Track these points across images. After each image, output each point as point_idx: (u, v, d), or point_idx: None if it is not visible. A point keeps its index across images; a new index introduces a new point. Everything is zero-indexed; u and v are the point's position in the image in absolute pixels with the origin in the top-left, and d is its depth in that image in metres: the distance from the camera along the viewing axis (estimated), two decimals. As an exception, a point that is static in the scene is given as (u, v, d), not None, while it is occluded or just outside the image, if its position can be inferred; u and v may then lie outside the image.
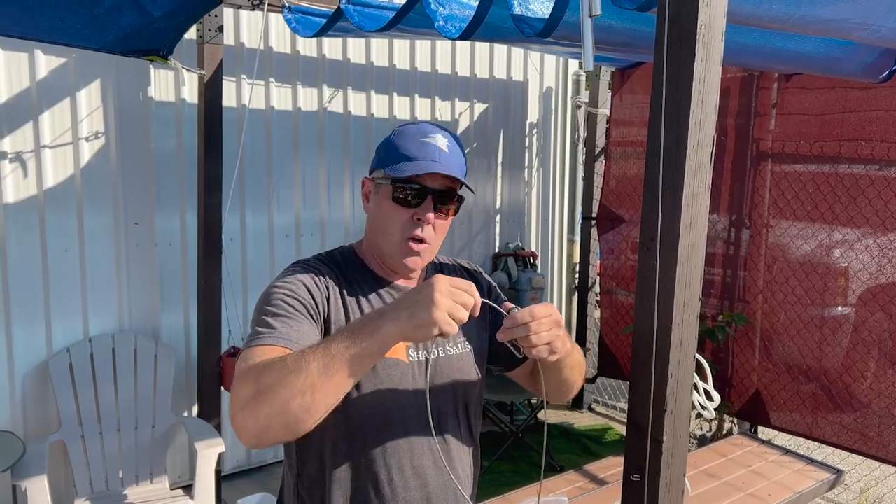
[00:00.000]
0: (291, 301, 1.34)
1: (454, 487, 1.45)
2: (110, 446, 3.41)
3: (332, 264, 1.46)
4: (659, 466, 1.54)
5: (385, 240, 1.42)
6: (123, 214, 3.68)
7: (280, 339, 1.26)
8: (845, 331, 3.96)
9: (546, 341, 1.23)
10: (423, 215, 1.39)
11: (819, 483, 2.61)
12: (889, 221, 3.69)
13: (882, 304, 3.76)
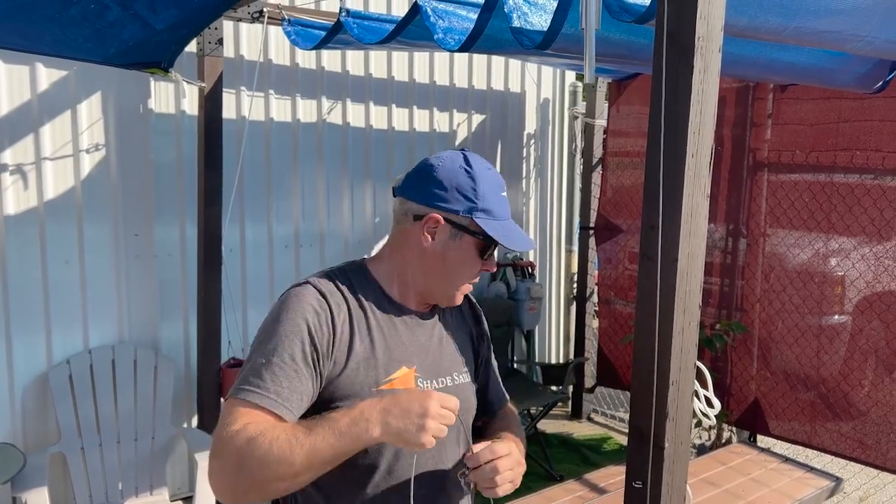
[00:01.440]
0: (290, 350, 1.28)
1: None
2: (110, 458, 3.41)
3: (345, 290, 1.40)
4: (661, 473, 1.55)
5: (445, 284, 1.44)
6: (123, 226, 3.69)
7: (269, 399, 1.24)
8: (843, 339, 3.99)
9: (509, 479, 1.31)
10: (489, 268, 1.47)
11: (819, 490, 2.62)
12: (885, 230, 3.72)
13: (879, 312, 3.78)
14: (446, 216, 1.39)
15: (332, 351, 1.33)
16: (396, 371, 1.38)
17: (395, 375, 1.37)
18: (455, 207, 1.39)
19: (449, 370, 1.48)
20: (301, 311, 1.33)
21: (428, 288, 1.45)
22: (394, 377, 1.37)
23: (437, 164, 1.43)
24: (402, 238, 1.45)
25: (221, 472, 1.19)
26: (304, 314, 1.32)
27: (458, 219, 1.39)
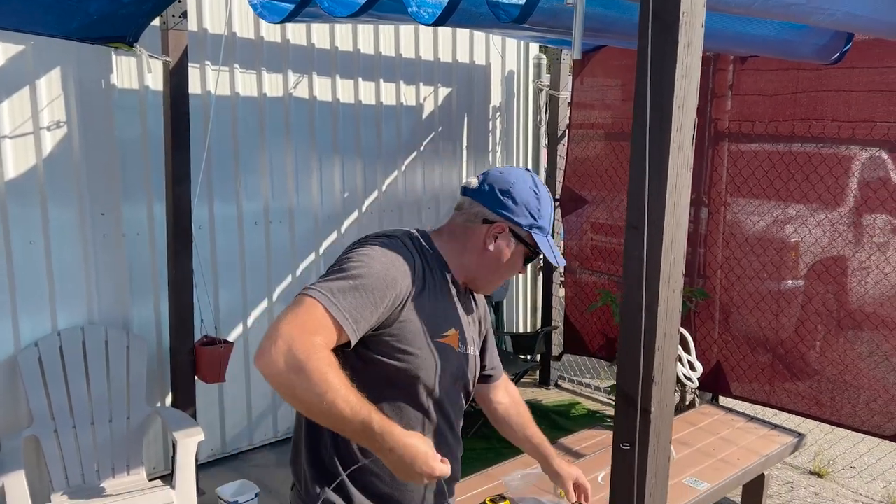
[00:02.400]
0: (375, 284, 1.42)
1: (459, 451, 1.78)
2: (85, 440, 3.37)
3: (420, 250, 1.59)
4: (648, 435, 1.63)
5: (492, 277, 1.69)
6: (89, 205, 3.62)
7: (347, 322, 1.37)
8: (799, 302, 4.15)
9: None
10: (524, 271, 1.76)
11: (783, 446, 2.75)
12: (839, 197, 3.87)
13: (834, 275, 3.95)
14: (512, 227, 1.63)
15: (405, 300, 1.49)
16: (449, 331, 1.60)
17: (448, 334, 1.60)
18: (520, 221, 1.63)
19: (472, 341, 1.70)
20: (393, 254, 1.50)
21: (476, 277, 1.68)
22: (447, 334, 1.59)
23: (514, 181, 1.64)
24: (467, 232, 1.65)
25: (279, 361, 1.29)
26: (395, 258, 1.50)
27: (520, 231, 1.64)
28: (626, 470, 1.66)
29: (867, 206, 3.80)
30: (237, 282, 4.22)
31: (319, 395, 1.28)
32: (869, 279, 3.85)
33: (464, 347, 1.66)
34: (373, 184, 4.80)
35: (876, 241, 3.82)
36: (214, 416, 4.18)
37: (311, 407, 1.31)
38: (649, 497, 1.66)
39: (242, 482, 3.74)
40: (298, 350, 1.29)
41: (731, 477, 2.51)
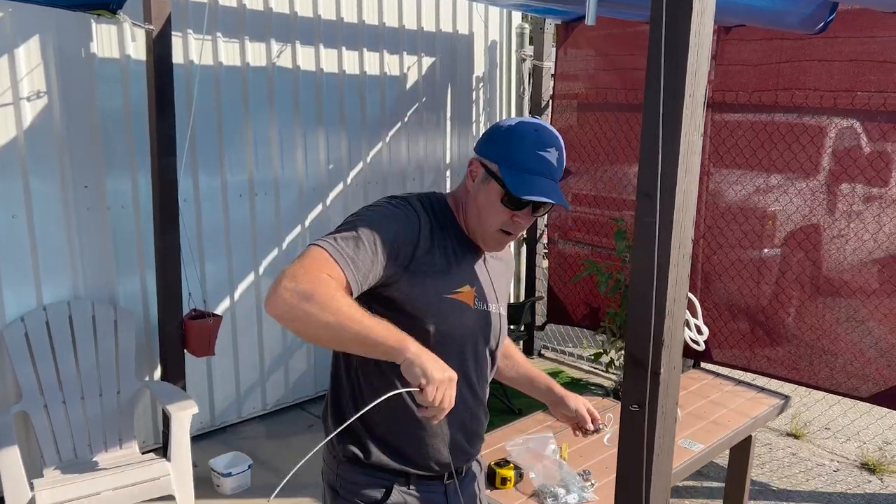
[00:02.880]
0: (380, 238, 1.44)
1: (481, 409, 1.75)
2: (75, 414, 3.35)
3: (429, 209, 1.58)
4: (657, 397, 1.67)
5: (479, 224, 1.60)
6: (72, 177, 3.55)
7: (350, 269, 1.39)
8: (779, 270, 4.25)
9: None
10: (524, 220, 1.59)
11: (771, 408, 2.83)
12: (820, 166, 3.95)
13: (814, 243, 4.04)
14: (482, 161, 1.58)
15: (410, 256, 1.49)
16: (462, 287, 1.59)
17: (461, 290, 1.59)
18: (490, 155, 1.57)
19: (495, 299, 1.69)
20: (399, 213, 1.52)
21: (471, 227, 1.62)
22: (460, 290, 1.58)
23: (503, 122, 1.62)
24: (464, 182, 1.65)
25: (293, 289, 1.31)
26: (401, 217, 1.51)
27: (490, 164, 1.56)
28: (635, 430, 1.70)
29: (847, 175, 3.88)
30: (223, 255, 4.19)
31: (335, 313, 1.30)
32: (847, 247, 3.94)
33: (483, 304, 1.64)
34: (357, 155, 4.77)
35: (854, 210, 3.91)
36: (203, 390, 4.17)
37: (329, 331, 1.32)
38: (657, 456, 1.71)
39: (235, 454, 3.76)
40: (305, 282, 1.32)
41: (723, 438, 2.58)
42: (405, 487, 1.62)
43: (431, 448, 1.63)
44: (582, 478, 2.19)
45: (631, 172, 4.86)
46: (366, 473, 1.61)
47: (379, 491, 1.60)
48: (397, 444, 1.61)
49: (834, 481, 3.85)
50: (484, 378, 1.72)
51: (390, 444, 1.60)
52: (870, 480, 3.86)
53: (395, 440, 1.61)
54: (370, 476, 1.61)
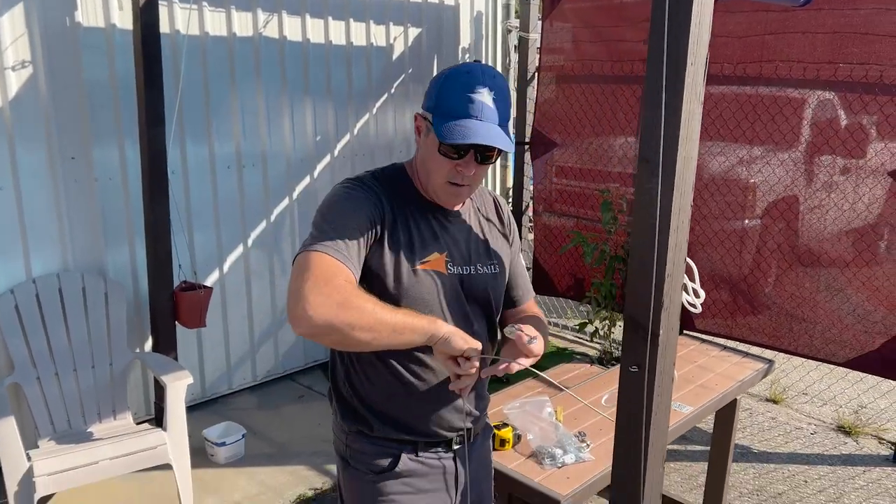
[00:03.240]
0: (350, 216, 1.46)
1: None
2: (68, 386, 3.35)
3: (385, 184, 1.57)
4: (656, 358, 1.72)
5: (431, 180, 1.56)
6: (59, 149, 3.51)
7: (347, 261, 1.41)
8: (762, 240, 4.34)
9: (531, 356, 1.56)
10: (465, 169, 1.52)
11: (756, 372, 2.92)
12: (801, 137, 4.02)
13: (795, 214, 4.13)
14: (422, 114, 1.55)
15: (377, 235, 1.50)
16: (430, 256, 1.57)
17: (429, 258, 1.57)
18: (427, 106, 1.53)
19: (476, 260, 1.66)
20: (359, 197, 1.51)
21: (425, 185, 1.59)
22: (428, 260, 1.56)
23: (440, 72, 1.56)
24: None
25: (325, 303, 1.32)
26: (362, 198, 1.51)
27: (427, 115, 1.53)
28: (634, 391, 1.76)
29: (827, 147, 3.96)
30: (211, 227, 4.18)
31: (371, 315, 1.34)
32: (827, 217, 4.04)
33: (459, 268, 1.62)
34: (344, 127, 4.76)
35: (834, 181, 4.00)
36: (193, 362, 4.18)
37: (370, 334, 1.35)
38: (655, 415, 1.77)
39: (228, 424, 3.79)
40: (333, 293, 1.33)
41: (711, 400, 2.67)
42: (413, 454, 1.64)
43: (434, 415, 1.64)
44: (578, 439, 2.25)
45: (616, 145, 4.91)
46: (373, 443, 1.63)
47: (387, 460, 1.63)
48: (398, 416, 1.62)
49: (811, 443, 3.99)
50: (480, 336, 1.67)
51: (392, 416, 1.62)
52: (846, 442, 4.00)
53: (395, 413, 1.62)
54: (378, 446, 1.63)
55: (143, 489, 3.42)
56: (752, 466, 3.72)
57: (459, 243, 1.64)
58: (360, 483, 1.64)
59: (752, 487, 3.53)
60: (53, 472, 2.87)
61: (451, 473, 1.70)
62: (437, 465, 1.68)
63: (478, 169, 1.54)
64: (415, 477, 1.64)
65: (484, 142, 1.46)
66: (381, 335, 1.36)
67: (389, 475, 1.62)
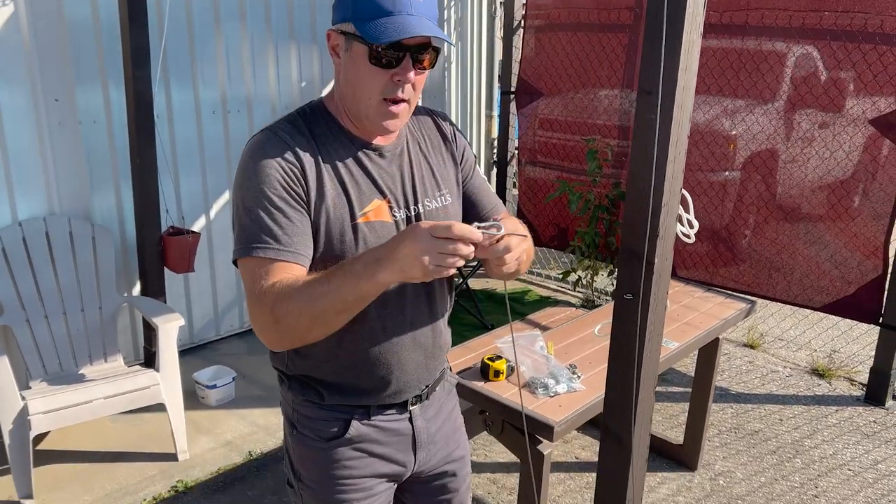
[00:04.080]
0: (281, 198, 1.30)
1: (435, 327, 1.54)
2: (58, 329, 3.36)
3: (304, 130, 1.37)
4: (650, 285, 1.78)
5: (361, 102, 1.34)
6: (42, 90, 3.44)
7: (284, 252, 1.29)
8: (743, 189, 4.42)
9: (516, 257, 1.28)
10: (404, 76, 1.31)
11: (738, 311, 3.01)
12: (781, 90, 4.07)
13: (780, 163, 4.20)
14: (337, 29, 1.33)
15: (307, 193, 1.33)
16: (370, 204, 1.39)
17: (369, 208, 1.39)
18: (343, 18, 1.31)
19: (423, 195, 1.47)
20: (270, 160, 1.31)
21: (355, 112, 1.37)
22: (367, 210, 1.38)
23: None
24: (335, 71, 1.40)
25: (263, 329, 1.27)
26: (274, 163, 1.31)
27: (345, 27, 1.31)
28: (628, 318, 1.82)
29: (810, 97, 4.02)
30: (198, 173, 4.15)
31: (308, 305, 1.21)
32: (808, 165, 4.12)
33: (403, 211, 1.44)
34: (329, 73, 4.71)
35: (816, 130, 4.07)
36: (182, 308, 4.20)
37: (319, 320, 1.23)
38: (649, 341, 1.84)
39: (218, 367, 3.83)
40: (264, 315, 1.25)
41: (696, 337, 2.75)
42: (365, 419, 1.49)
43: (384, 378, 1.48)
44: (569, 370, 2.33)
45: (602, 95, 4.92)
46: (323, 409, 1.49)
47: (336, 425, 1.49)
48: (347, 383, 1.47)
49: (787, 385, 4.13)
50: (437, 287, 1.53)
51: (340, 384, 1.47)
52: (819, 384, 4.15)
53: (344, 380, 1.47)
54: (327, 411, 1.49)
55: (137, 430, 3.46)
56: (730, 406, 3.85)
57: (401, 181, 1.44)
58: (309, 450, 1.51)
59: (730, 426, 3.66)
60: (48, 411, 2.90)
61: (408, 435, 1.55)
62: (392, 429, 1.53)
63: (416, 78, 1.33)
64: (367, 442, 1.50)
65: (425, 33, 1.26)
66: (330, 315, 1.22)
67: (340, 441, 1.49)
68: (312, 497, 1.55)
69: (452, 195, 1.55)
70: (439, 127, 1.59)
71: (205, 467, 3.17)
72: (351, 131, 1.41)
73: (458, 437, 1.72)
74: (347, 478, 1.51)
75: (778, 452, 3.42)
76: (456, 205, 1.56)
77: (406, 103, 1.36)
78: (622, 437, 1.92)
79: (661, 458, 3.35)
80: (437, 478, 1.67)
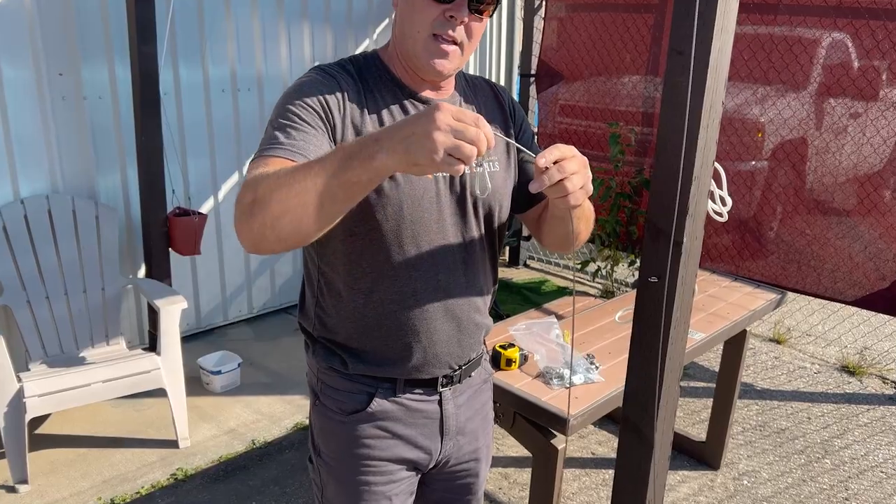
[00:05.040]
0: (305, 113, 1.22)
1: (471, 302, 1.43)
2: (59, 310, 3.26)
3: (353, 71, 1.32)
4: (678, 267, 1.63)
5: (412, 37, 1.26)
6: (45, 65, 3.35)
7: (288, 151, 1.16)
8: (773, 176, 4.23)
9: (580, 185, 1.11)
10: (458, 13, 1.23)
11: (767, 302, 2.84)
12: (810, 77, 3.88)
13: (810, 151, 4.01)
14: None
15: (343, 123, 1.25)
16: None
17: None
18: None
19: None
20: (317, 83, 1.25)
21: (405, 52, 1.29)
22: None
23: None
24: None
25: (239, 209, 1.09)
26: (319, 86, 1.25)
27: None
28: (653, 302, 1.67)
29: (850, 81, 3.82)
30: (206, 153, 4.04)
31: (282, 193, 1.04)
32: (842, 154, 3.92)
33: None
34: (344, 52, 4.57)
35: (851, 115, 3.87)
36: (188, 292, 4.09)
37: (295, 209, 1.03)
38: (673, 329, 1.69)
39: (224, 353, 3.72)
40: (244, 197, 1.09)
41: (723, 328, 2.59)
42: (391, 395, 1.40)
43: (410, 345, 1.37)
44: (587, 360, 2.18)
45: (625, 81, 4.74)
46: (347, 379, 1.40)
47: (359, 399, 1.40)
48: (372, 349, 1.37)
49: (815, 382, 3.95)
50: (479, 255, 1.42)
51: (366, 352, 1.38)
52: (849, 381, 3.96)
53: (368, 346, 1.37)
54: (352, 381, 1.40)
55: (137, 415, 3.36)
56: (755, 403, 3.68)
57: None
58: (329, 423, 1.43)
59: (755, 423, 3.49)
60: (44, 394, 2.80)
61: (435, 419, 1.45)
62: (419, 409, 1.42)
63: (471, 22, 1.25)
64: (390, 420, 1.41)
65: None
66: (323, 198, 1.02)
67: (361, 417, 1.39)
68: (330, 474, 1.46)
69: (502, 165, 1.43)
70: (498, 96, 1.50)
71: (206, 455, 3.06)
72: (402, 80, 1.34)
73: (488, 433, 1.62)
74: (367, 458, 1.42)
75: (806, 452, 3.24)
76: (505, 176, 1.44)
77: (458, 47, 1.27)
78: (643, 430, 1.77)
79: (682, 455, 3.19)
80: (460, 475, 1.56)
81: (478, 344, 1.50)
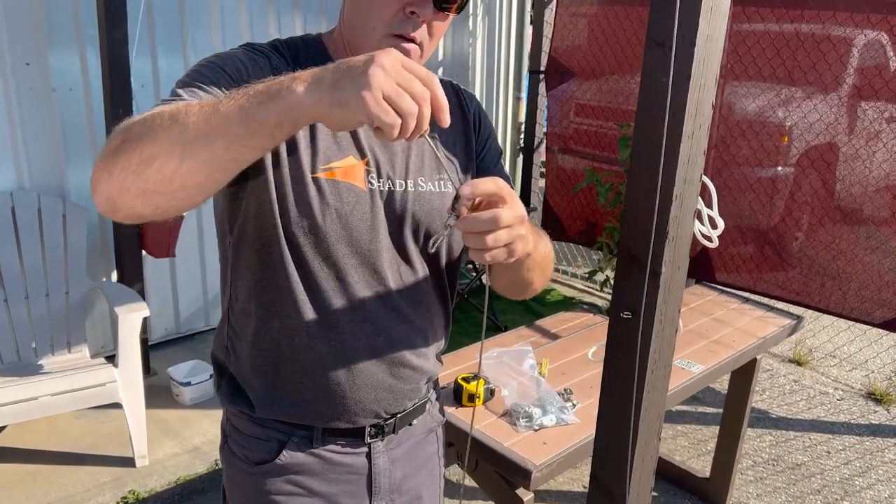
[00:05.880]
0: (218, 76, 1.01)
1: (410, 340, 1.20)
2: (18, 314, 3.07)
3: (287, 55, 1.11)
4: (655, 301, 1.35)
5: (364, 34, 1.06)
6: (9, 53, 3.15)
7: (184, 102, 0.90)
8: (796, 186, 3.90)
9: (504, 242, 0.91)
10: (420, 9, 1.03)
11: (780, 329, 2.55)
12: (841, 78, 3.55)
13: (839, 158, 3.68)
14: None
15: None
16: (341, 159, 1.07)
17: (339, 164, 1.07)
18: None
19: (417, 173, 1.15)
20: (234, 57, 1.06)
21: (356, 48, 1.07)
22: (335, 165, 1.07)
23: None
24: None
25: (101, 158, 0.86)
26: (238, 60, 1.05)
27: None
28: (626, 341, 1.39)
29: (886, 88, 3.48)
30: (188, 149, 3.82)
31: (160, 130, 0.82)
32: (874, 160, 3.58)
33: (383, 182, 1.11)
34: (340, 46, 4.34)
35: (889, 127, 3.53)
36: (167, 295, 3.89)
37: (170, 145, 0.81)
38: (651, 374, 1.41)
39: (196, 363, 3.51)
40: (108, 142, 0.87)
41: (726, 359, 2.30)
42: (307, 445, 1.18)
43: (333, 392, 1.15)
44: (562, 397, 1.91)
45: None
46: (257, 424, 1.19)
47: (269, 447, 1.18)
48: (284, 389, 1.15)
49: (837, 410, 3.62)
50: (414, 288, 1.19)
51: (280, 392, 1.16)
52: (876, 411, 3.63)
53: (285, 385, 1.15)
54: (262, 427, 1.18)
55: (99, 428, 3.16)
56: (769, 433, 3.37)
57: (393, 147, 1.13)
58: (236, 473, 1.22)
59: (767, 456, 3.18)
60: (-13, 407, 2.60)
61: (362, 475, 1.22)
62: (341, 463, 1.20)
63: (434, 19, 1.06)
64: (306, 475, 1.19)
65: None
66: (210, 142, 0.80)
67: (270, 469, 1.18)
68: None
69: (455, 184, 1.15)
70: (462, 104, 1.27)
71: (163, 476, 2.84)
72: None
73: (434, 492, 1.36)
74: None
75: (823, 492, 2.93)
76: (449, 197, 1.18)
77: (418, 47, 1.07)
78: (615, 494, 1.50)
79: (682, 492, 2.90)
80: None
81: (416, 391, 1.26)
